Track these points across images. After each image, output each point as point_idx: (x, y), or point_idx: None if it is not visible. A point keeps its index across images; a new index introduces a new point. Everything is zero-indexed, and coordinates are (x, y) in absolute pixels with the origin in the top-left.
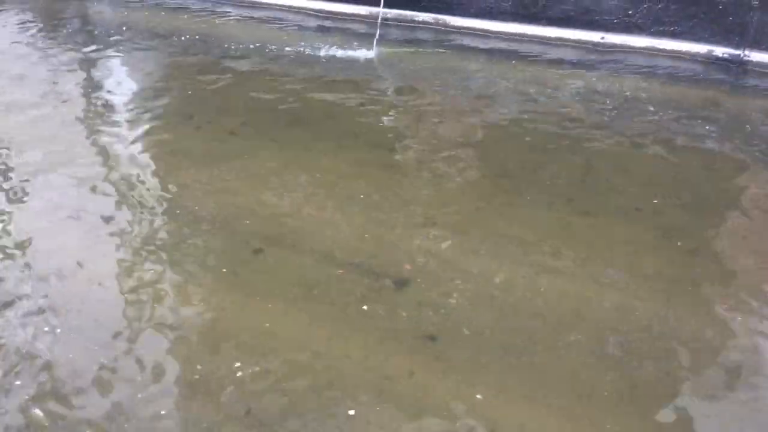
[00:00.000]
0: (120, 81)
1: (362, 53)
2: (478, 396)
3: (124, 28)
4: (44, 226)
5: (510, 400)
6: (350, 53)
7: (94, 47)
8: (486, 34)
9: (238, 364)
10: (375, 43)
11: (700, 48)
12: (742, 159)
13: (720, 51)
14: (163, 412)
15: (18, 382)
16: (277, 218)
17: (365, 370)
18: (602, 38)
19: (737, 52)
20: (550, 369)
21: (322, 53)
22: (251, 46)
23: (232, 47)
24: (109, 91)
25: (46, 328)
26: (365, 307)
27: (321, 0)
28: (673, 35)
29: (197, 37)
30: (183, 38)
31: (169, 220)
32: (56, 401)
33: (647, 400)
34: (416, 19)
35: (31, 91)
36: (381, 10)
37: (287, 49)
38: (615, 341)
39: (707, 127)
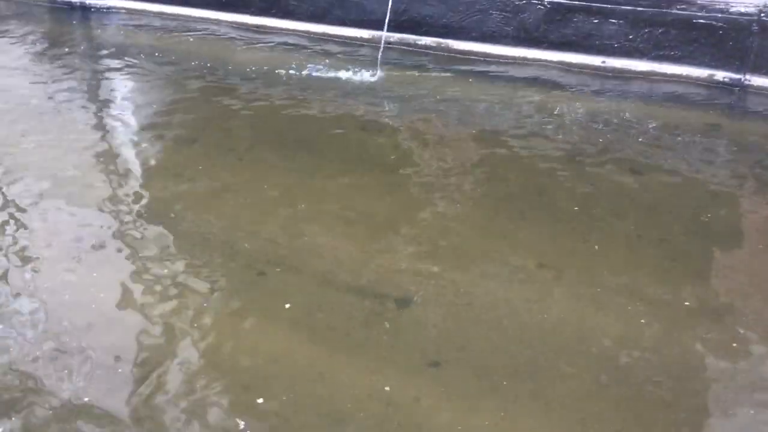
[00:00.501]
0: (124, 104)
1: (365, 77)
2: (486, 422)
3: (129, 51)
4: (47, 250)
5: (516, 428)
6: (353, 77)
7: (98, 70)
8: (488, 57)
9: (238, 389)
10: (378, 66)
11: (701, 72)
12: (746, 183)
13: (721, 75)
14: None
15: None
16: (280, 241)
17: (369, 396)
18: (603, 62)
19: (738, 76)
20: (553, 396)
21: (326, 77)
22: (256, 70)
23: (237, 71)
24: (113, 114)
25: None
26: (368, 331)
27: (324, 24)
28: (674, 59)
29: (202, 60)
30: (188, 61)
31: (172, 244)
32: None
33: (651, 429)
34: (419, 43)
35: (34, 114)
36: (384, 34)
37: (291, 72)
38: (619, 368)
39: (710, 152)
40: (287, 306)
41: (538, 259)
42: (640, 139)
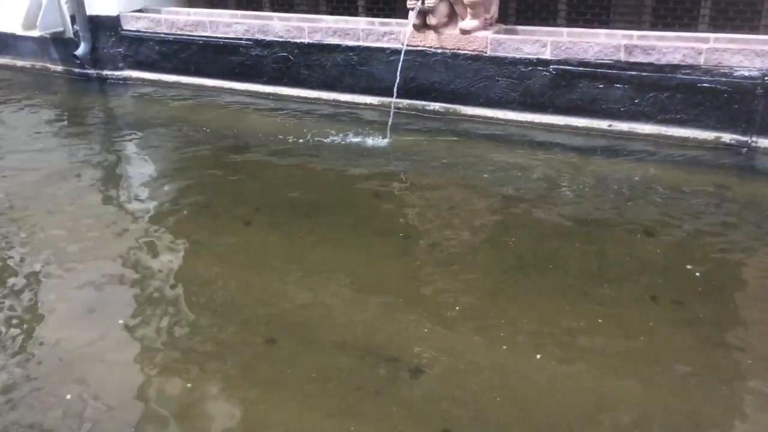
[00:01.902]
0: (139, 171)
1: (376, 142)
2: None
3: (143, 120)
4: (59, 320)
5: None
6: (364, 142)
7: (114, 139)
8: (496, 122)
9: None
10: (388, 131)
11: (708, 135)
12: (758, 246)
13: (728, 137)
14: None
15: None
16: (291, 308)
17: None
18: (610, 125)
19: (745, 138)
20: None
21: (336, 142)
22: (267, 137)
23: (249, 138)
24: (129, 181)
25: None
26: (379, 399)
27: (335, 92)
28: (680, 123)
29: (215, 127)
30: (201, 129)
31: (182, 311)
32: None
33: None
34: (428, 108)
35: (52, 183)
36: (393, 100)
37: (302, 139)
38: None
39: (720, 214)
40: (297, 374)
41: (551, 325)
42: (650, 201)
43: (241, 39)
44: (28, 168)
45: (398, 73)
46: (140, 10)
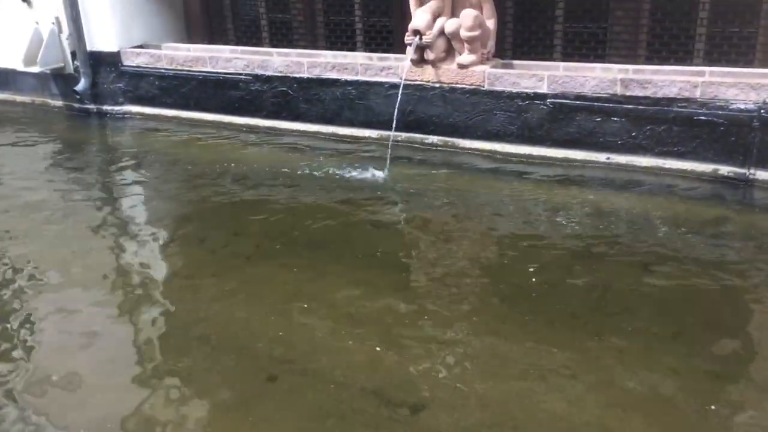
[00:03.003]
0: (136, 206)
1: (375, 175)
2: None
3: (142, 154)
4: (55, 351)
5: None
6: (363, 175)
7: (113, 174)
8: (494, 155)
9: None
10: (387, 164)
11: (706, 167)
12: (758, 278)
13: (725, 170)
14: None
15: None
16: (290, 344)
17: None
18: (608, 158)
19: (743, 170)
20: None
21: (336, 176)
22: (266, 170)
23: (249, 171)
24: (125, 216)
25: None
26: None
27: (334, 125)
28: (678, 155)
29: (214, 161)
30: (200, 163)
31: (181, 347)
32: None
33: None
34: (426, 141)
35: (49, 216)
36: (392, 134)
37: (300, 172)
38: None
39: (719, 246)
40: (297, 412)
41: (552, 360)
42: (650, 234)
43: (240, 74)
44: (23, 203)
45: (396, 107)
46: (140, 46)
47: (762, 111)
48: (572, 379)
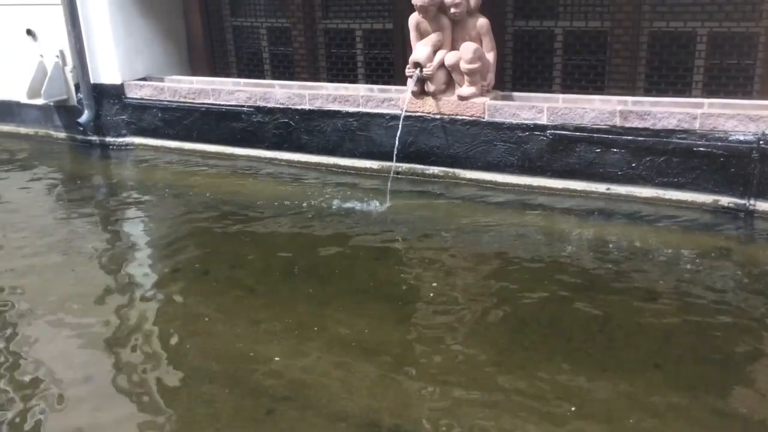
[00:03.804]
0: (138, 238)
1: (376, 205)
2: None
3: (145, 186)
4: (55, 385)
5: None
6: (364, 206)
7: (115, 205)
8: (495, 185)
9: None
10: (388, 195)
11: (706, 198)
12: (760, 310)
13: (725, 201)
14: None
15: None
16: (290, 377)
17: None
18: (608, 189)
19: (743, 201)
20: None
21: (337, 207)
22: (268, 202)
23: (250, 202)
24: (127, 248)
25: None
26: None
27: (335, 156)
28: (678, 186)
29: (214, 194)
30: (202, 195)
31: (181, 380)
32: None
33: None
34: (427, 172)
35: (50, 247)
36: (393, 165)
37: (301, 204)
38: None
39: (720, 277)
40: None
41: (556, 391)
42: (651, 265)
43: (243, 106)
44: (25, 237)
45: (397, 138)
46: (144, 79)
47: (761, 142)
48: (576, 415)
